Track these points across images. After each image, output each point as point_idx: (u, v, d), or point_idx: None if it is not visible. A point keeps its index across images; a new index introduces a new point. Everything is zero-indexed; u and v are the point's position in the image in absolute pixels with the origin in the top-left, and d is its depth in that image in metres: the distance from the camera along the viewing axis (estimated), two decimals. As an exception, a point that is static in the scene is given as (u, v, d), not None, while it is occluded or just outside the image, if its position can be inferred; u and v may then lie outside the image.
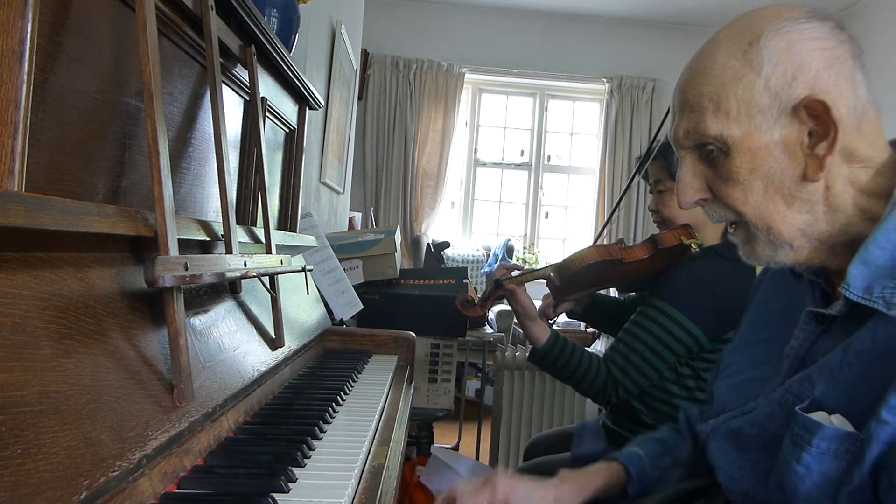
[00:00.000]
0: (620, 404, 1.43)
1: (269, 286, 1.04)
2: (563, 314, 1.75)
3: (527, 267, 1.55)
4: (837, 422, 0.63)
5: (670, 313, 1.36)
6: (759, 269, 1.42)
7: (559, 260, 1.47)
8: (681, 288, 1.39)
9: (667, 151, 1.46)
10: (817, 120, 0.67)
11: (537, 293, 1.62)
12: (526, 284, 1.50)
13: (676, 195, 0.77)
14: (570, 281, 1.44)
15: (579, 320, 1.79)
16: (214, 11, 0.87)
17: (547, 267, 1.48)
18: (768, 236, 0.71)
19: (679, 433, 1.04)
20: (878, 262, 0.65)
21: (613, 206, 2.69)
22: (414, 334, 1.60)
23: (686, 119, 0.73)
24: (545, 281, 1.47)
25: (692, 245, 1.38)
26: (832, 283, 0.75)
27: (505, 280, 1.46)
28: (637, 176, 1.65)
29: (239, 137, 1.11)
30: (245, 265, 0.85)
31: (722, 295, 1.36)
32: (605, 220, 2.30)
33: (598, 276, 1.49)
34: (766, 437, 0.73)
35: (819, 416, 0.65)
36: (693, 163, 0.75)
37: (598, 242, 1.78)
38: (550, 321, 1.70)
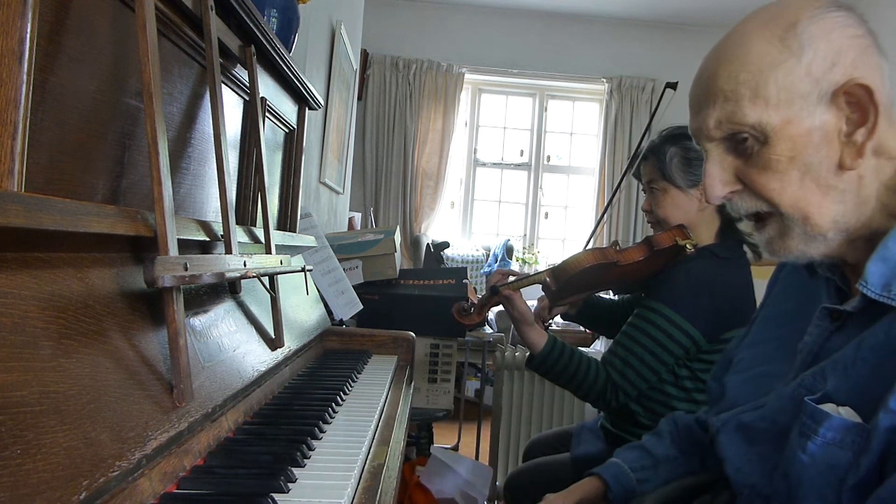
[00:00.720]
0: (618, 407, 1.42)
1: (268, 286, 1.04)
2: (558, 316, 1.76)
3: (526, 267, 1.56)
4: (845, 413, 0.63)
5: (668, 315, 1.35)
6: (754, 269, 1.42)
7: (557, 262, 1.47)
8: (678, 289, 1.38)
9: (658, 151, 1.44)
10: (854, 106, 0.67)
11: (532, 295, 1.61)
12: (522, 289, 1.50)
13: (705, 190, 0.75)
14: (567, 285, 1.43)
15: (574, 322, 1.79)
16: (214, 11, 0.87)
17: (543, 271, 1.47)
18: (805, 227, 0.69)
19: (657, 436, 1.04)
20: None
21: (605, 205, 2.69)
22: (414, 334, 1.60)
23: (718, 108, 0.71)
24: (541, 285, 1.46)
25: (687, 245, 1.37)
26: (847, 280, 0.74)
27: (501, 286, 1.45)
28: (629, 172, 1.65)
29: (239, 137, 1.11)
30: (245, 265, 0.85)
31: (719, 295, 1.36)
32: (598, 219, 2.30)
33: (594, 280, 1.48)
34: (776, 431, 0.73)
35: (827, 406, 0.64)
36: (721, 155, 0.73)
37: (593, 244, 1.79)
38: (546, 323, 1.73)
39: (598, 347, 4.18)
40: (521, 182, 5.55)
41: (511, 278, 1.49)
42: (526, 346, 1.46)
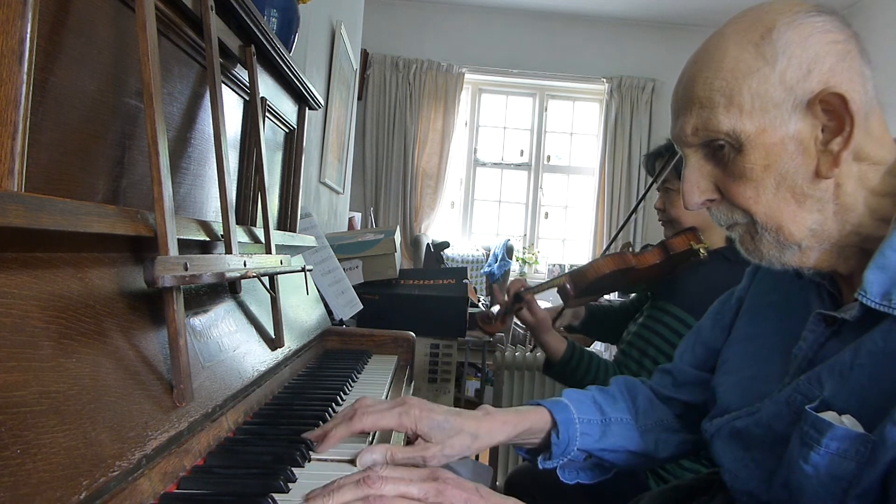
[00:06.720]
0: None
1: (268, 286, 1.04)
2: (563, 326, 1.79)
3: (526, 267, 1.62)
4: (848, 422, 0.62)
5: (681, 317, 1.38)
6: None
7: (569, 268, 1.54)
8: (691, 292, 1.41)
9: (675, 150, 1.48)
10: (831, 114, 0.66)
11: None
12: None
13: (682, 196, 0.74)
14: (585, 291, 1.52)
15: (578, 333, 1.82)
16: (214, 11, 0.87)
17: (560, 276, 1.55)
18: (777, 236, 0.69)
19: (610, 396, 0.99)
20: (895, 266, 0.63)
21: (630, 210, 2.66)
22: (414, 334, 1.60)
23: (695, 115, 0.70)
24: (558, 289, 1.54)
25: (700, 250, 1.42)
26: (837, 284, 0.73)
27: (524, 291, 1.53)
28: (654, 183, 1.65)
29: (239, 137, 1.11)
30: (245, 265, 0.85)
31: None
32: (620, 226, 2.28)
33: (610, 284, 1.56)
34: (773, 437, 0.72)
35: (829, 415, 0.63)
36: (699, 161, 0.72)
37: (608, 250, 1.86)
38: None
39: (598, 347, 4.18)
40: (521, 182, 5.55)
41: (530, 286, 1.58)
42: (545, 351, 1.54)
